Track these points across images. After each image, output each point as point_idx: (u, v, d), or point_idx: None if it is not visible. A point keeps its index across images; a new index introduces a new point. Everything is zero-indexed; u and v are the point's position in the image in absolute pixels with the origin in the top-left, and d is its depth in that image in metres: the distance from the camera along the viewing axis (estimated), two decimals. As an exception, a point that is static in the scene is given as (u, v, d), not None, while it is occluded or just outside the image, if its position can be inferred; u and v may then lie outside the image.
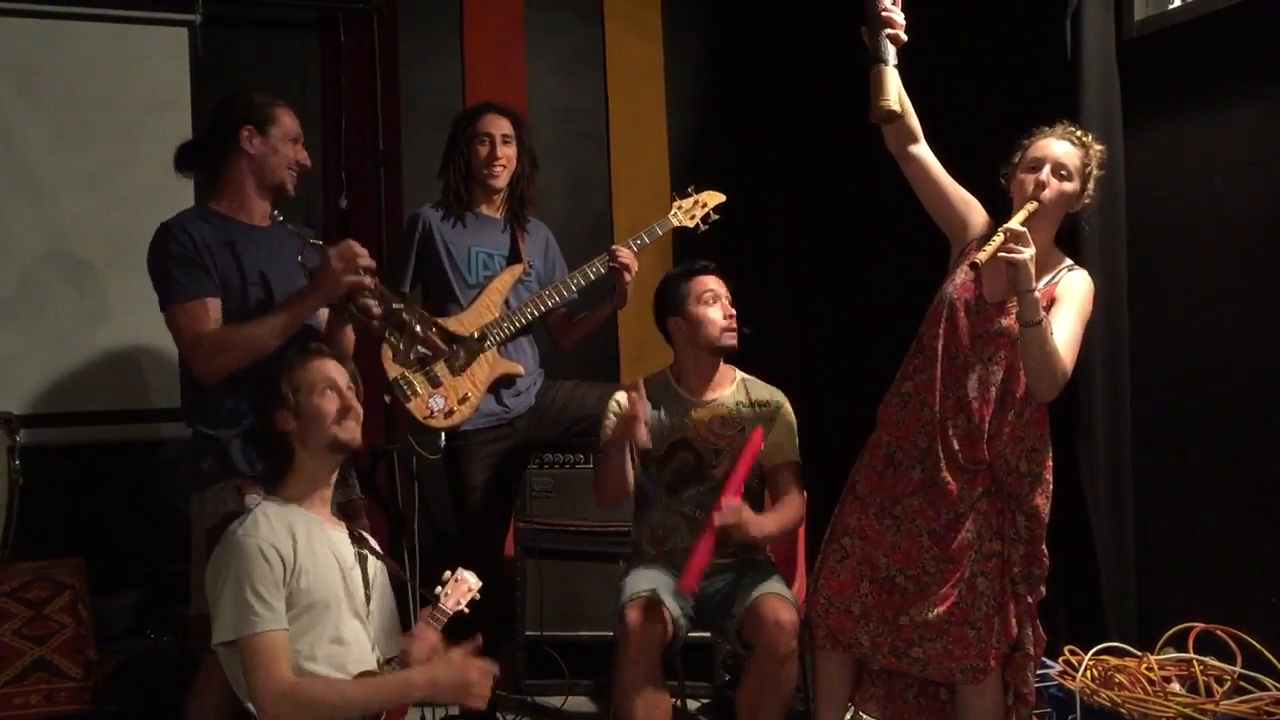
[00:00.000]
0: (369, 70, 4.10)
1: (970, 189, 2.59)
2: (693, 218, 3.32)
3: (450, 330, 3.08)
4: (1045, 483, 2.50)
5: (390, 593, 2.37)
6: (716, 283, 2.89)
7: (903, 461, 2.55)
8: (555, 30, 4.48)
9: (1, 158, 3.73)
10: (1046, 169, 2.46)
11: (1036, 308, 2.34)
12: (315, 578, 2.14)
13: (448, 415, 3.07)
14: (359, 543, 2.31)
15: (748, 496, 2.73)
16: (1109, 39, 3.10)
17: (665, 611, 2.61)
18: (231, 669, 2.11)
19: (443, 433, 3.08)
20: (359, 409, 2.28)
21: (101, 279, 3.82)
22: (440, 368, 3.08)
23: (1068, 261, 2.54)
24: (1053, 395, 2.45)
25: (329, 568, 2.19)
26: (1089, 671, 2.70)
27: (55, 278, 3.79)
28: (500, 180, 3.25)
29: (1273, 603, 2.73)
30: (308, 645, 2.11)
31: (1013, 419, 2.48)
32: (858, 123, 2.57)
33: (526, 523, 3.45)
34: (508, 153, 3.25)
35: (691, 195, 3.34)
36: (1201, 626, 2.65)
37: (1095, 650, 2.76)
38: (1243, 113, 2.89)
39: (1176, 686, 2.61)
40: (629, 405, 2.67)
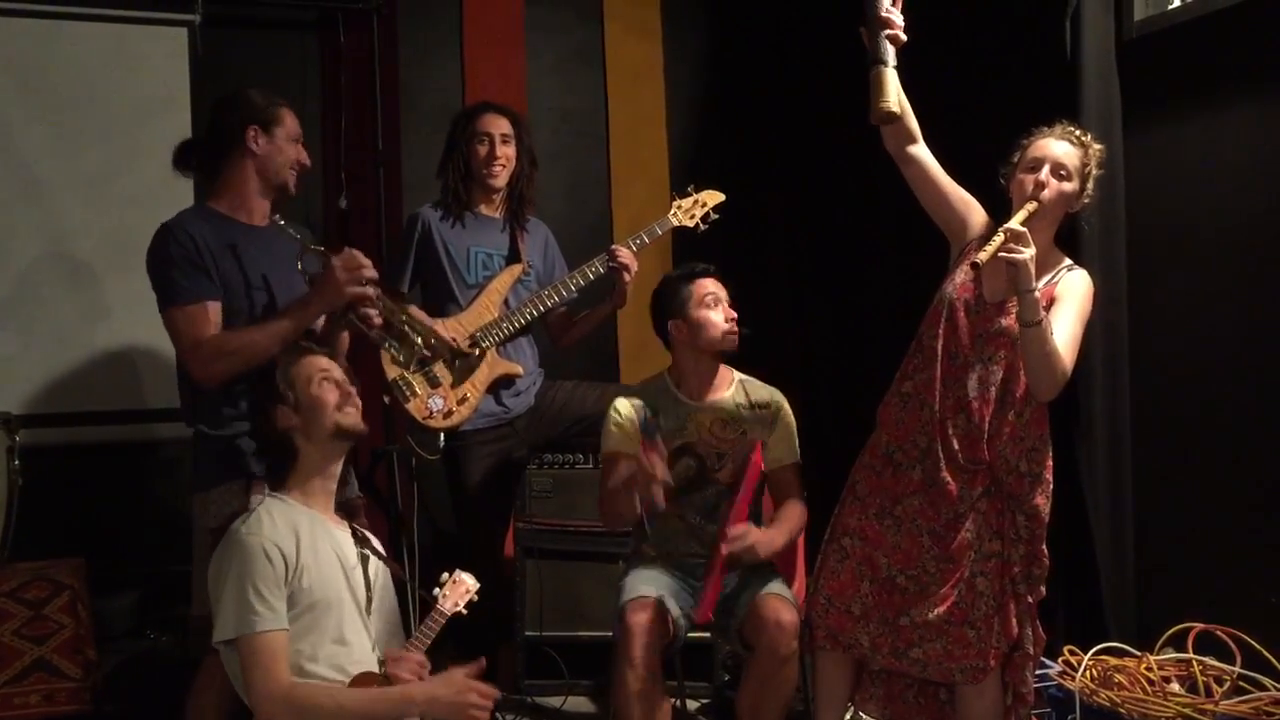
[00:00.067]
0: (368, 70, 4.10)
1: (970, 189, 2.59)
2: (692, 217, 3.31)
3: (449, 343, 3.05)
4: (1045, 482, 2.50)
5: (392, 593, 2.37)
6: (716, 285, 2.87)
7: (902, 461, 2.55)
8: (555, 30, 4.48)
9: (1, 158, 3.72)
10: (1046, 169, 2.46)
11: (1036, 308, 2.34)
12: (318, 577, 2.13)
13: (447, 416, 3.07)
14: (362, 542, 2.30)
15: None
16: (1109, 39, 3.11)
17: (665, 612, 2.60)
18: (233, 667, 2.11)
19: (442, 433, 3.09)
20: (358, 398, 2.27)
21: (101, 279, 3.81)
22: (439, 368, 3.08)
23: (1067, 261, 2.54)
24: (1053, 395, 2.45)
25: (331, 567, 2.18)
26: (1088, 671, 2.69)
27: (54, 278, 3.78)
28: (499, 180, 3.25)
29: (1272, 603, 2.73)
30: (310, 645, 2.11)
31: (1013, 419, 2.48)
32: (857, 123, 2.57)
33: (526, 523, 3.44)
34: (507, 152, 3.25)
35: (691, 195, 3.33)
36: (1201, 626, 2.65)
37: (1095, 650, 2.76)
38: (1242, 113, 2.89)
39: (1176, 686, 2.61)
40: (650, 466, 2.55)
